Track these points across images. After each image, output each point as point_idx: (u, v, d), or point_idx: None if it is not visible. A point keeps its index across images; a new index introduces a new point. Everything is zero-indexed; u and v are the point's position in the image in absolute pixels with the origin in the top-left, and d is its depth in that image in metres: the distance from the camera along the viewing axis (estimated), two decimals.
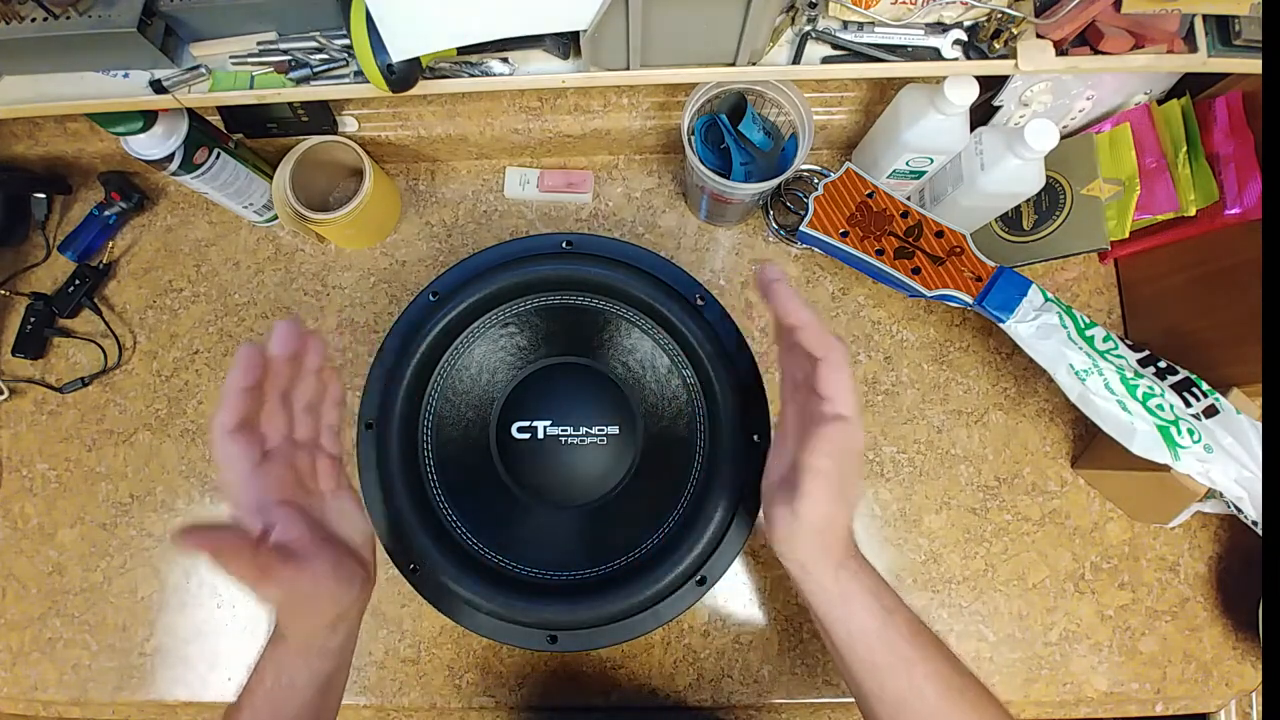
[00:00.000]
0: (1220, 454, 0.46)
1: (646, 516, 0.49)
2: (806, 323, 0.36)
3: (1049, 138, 0.47)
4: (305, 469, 0.39)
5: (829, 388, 0.36)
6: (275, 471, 0.37)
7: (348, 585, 0.38)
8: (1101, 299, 0.63)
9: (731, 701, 0.57)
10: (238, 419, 0.35)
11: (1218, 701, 0.57)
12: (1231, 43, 0.45)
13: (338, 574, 0.37)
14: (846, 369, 0.36)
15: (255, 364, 0.35)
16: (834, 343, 0.36)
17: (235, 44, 0.47)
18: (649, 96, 0.61)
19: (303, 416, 0.39)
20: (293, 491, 0.37)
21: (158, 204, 0.69)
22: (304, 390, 0.39)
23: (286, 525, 0.36)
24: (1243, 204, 0.50)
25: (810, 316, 0.37)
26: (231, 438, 0.34)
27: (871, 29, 0.46)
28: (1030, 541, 0.59)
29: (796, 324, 0.37)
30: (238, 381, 0.34)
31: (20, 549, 0.62)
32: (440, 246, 0.66)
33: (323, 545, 0.37)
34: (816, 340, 0.36)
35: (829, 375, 0.36)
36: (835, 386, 0.36)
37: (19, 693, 0.60)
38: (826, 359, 0.36)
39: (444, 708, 0.58)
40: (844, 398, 0.36)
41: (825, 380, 0.36)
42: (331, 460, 0.41)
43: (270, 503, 0.36)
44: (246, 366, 0.34)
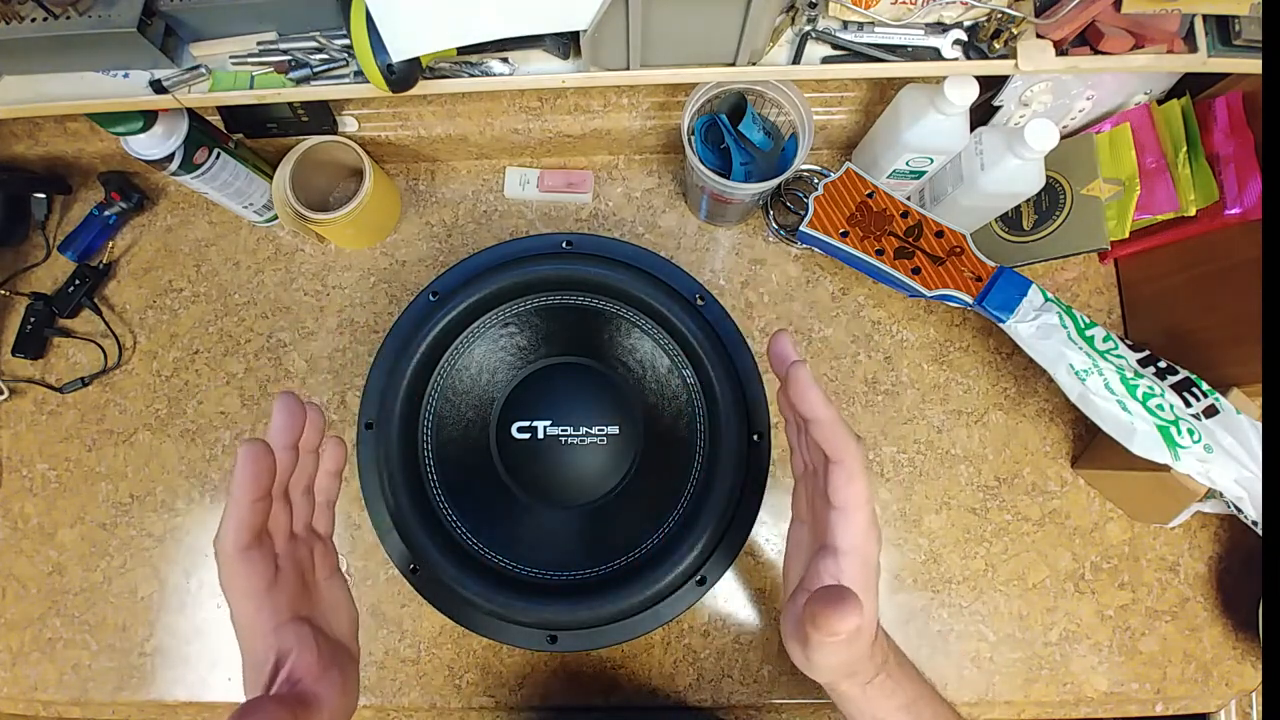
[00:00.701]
0: (1220, 454, 0.46)
1: (646, 516, 0.49)
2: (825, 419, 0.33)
3: (1049, 138, 0.47)
4: (306, 563, 0.35)
5: (840, 496, 0.32)
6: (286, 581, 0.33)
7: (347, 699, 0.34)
8: (1101, 299, 0.63)
9: (731, 701, 0.57)
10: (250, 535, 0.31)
11: (1218, 701, 0.57)
12: (1231, 43, 0.45)
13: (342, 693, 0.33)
14: (862, 476, 0.32)
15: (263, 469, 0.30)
16: (852, 445, 0.32)
17: (235, 44, 0.47)
18: (649, 96, 0.61)
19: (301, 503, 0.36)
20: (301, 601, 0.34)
21: (158, 204, 0.69)
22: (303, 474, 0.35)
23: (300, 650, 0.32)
24: (1243, 204, 0.50)
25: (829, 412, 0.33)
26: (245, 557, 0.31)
27: (871, 29, 0.46)
28: (1030, 541, 0.59)
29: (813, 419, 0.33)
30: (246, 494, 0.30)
31: (20, 549, 0.62)
32: (440, 246, 0.66)
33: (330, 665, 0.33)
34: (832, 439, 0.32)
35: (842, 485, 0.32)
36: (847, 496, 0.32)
37: (19, 693, 0.60)
38: (841, 464, 0.32)
39: (444, 708, 0.58)
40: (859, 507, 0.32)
41: (837, 489, 0.32)
42: (325, 544, 0.37)
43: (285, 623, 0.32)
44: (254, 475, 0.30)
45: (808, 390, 0.33)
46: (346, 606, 0.38)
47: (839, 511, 0.33)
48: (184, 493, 0.62)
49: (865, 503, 0.32)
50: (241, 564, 0.31)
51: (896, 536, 0.59)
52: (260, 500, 0.31)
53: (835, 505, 0.33)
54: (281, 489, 0.34)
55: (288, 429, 0.32)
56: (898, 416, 0.61)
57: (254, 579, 0.31)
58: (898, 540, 0.59)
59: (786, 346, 0.35)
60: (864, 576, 0.33)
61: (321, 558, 0.37)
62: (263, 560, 0.31)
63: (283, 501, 0.34)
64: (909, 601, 0.58)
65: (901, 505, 0.60)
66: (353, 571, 0.59)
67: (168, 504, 0.62)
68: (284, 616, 0.32)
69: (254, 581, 0.31)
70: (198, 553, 0.61)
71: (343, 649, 0.36)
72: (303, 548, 0.35)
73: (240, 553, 0.30)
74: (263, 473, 0.30)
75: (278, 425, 0.32)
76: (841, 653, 0.33)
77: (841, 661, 0.34)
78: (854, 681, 0.36)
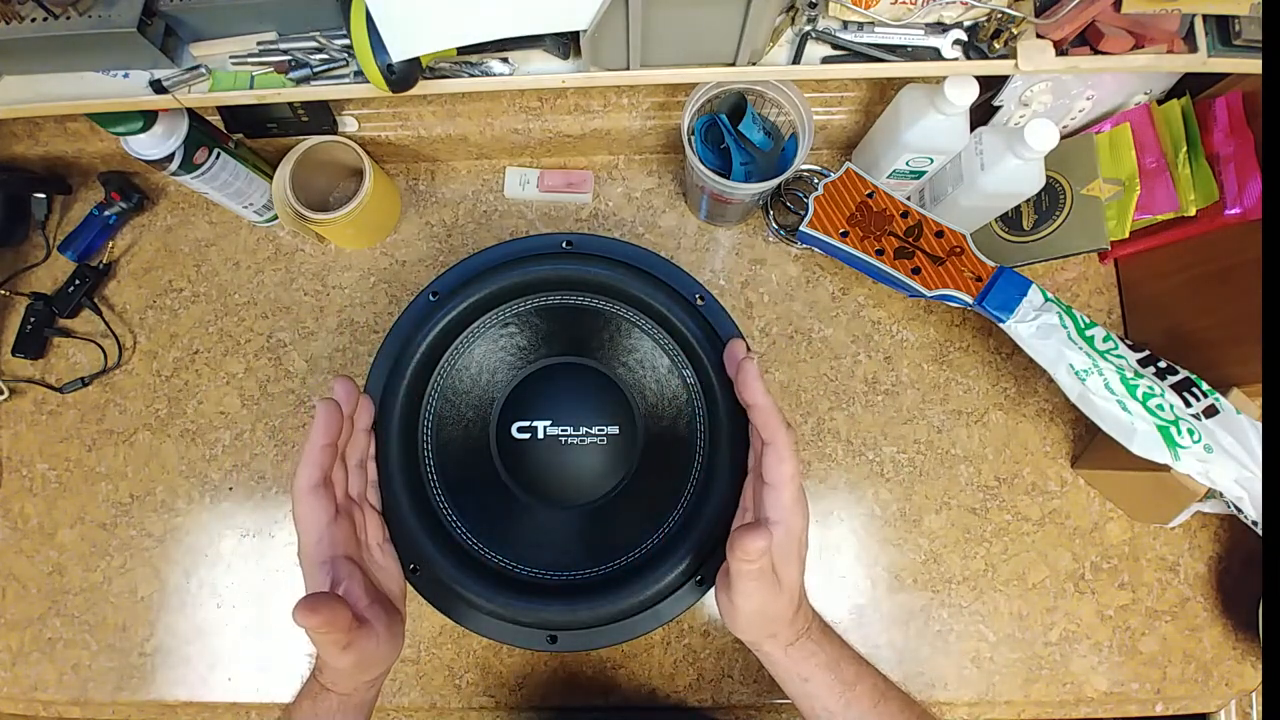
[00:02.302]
0: (1220, 454, 0.46)
1: (646, 516, 0.49)
2: (762, 405, 0.38)
3: (1049, 138, 0.47)
4: (359, 523, 0.41)
5: (771, 474, 0.37)
6: (344, 527, 0.38)
7: (394, 643, 0.39)
8: (1101, 299, 0.63)
9: (731, 701, 0.57)
10: (320, 475, 0.37)
11: (1218, 701, 0.57)
12: (1231, 43, 0.45)
13: (389, 633, 0.38)
14: (791, 458, 0.37)
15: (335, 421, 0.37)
16: (782, 429, 0.37)
17: (235, 44, 0.47)
18: (649, 96, 0.61)
19: (356, 472, 0.42)
20: (353, 547, 0.39)
21: (158, 204, 0.69)
22: (357, 447, 0.42)
23: (352, 584, 0.37)
24: (1243, 204, 0.50)
25: (766, 400, 0.38)
26: (314, 493, 0.37)
27: (871, 29, 0.46)
28: (1030, 541, 0.59)
29: (752, 404, 0.39)
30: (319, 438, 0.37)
31: (20, 549, 0.62)
32: (440, 246, 0.66)
33: (376, 605, 0.38)
34: (766, 423, 0.38)
35: (774, 464, 0.37)
36: (776, 473, 0.37)
37: (19, 693, 0.60)
38: (773, 445, 0.37)
39: (444, 708, 0.58)
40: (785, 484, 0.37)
41: (770, 467, 0.37)
42: (378, 515, 0.43)
43: (340, 557, 0.37)
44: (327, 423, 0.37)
45: (751, 380, 0.39)
46: (395, 574, 0.42)
47: (770, 487, 0.37)
48: (184, 493, 0.62)
49: (791, 479, 0.37)
50: (310, 498, 0.37)
51: (896, 536, 0.59)
52: (329, 447, 0.37)
53: (767, 482, 0.37)
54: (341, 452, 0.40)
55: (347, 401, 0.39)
56: (898, 416, 0.61)
57: (319, 513, 0.37)
58: (898, 540, 0.59)
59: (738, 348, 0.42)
60: (788, 544, 0.37)
61: (374, 526, 0.42)
62: (327, 499, 0.37)
63: (342, 464, 0.40)
64: (909, 601, 0.58)
65: (901, 505, 0.60)
66: None
67: (168, 504, 0.62)
68: (340, 551, 0.38)
69: (319, 515, 0.37)
70: (198, 553, 0.61)
71: (389, 603, 0.40)
72: (356, 510, 0.41)
73: (310, 488, 0.36)
74: (333, 424, 0.37)
75: (339, 395, 0.39)
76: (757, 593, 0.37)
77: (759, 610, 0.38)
78: (775, 642, 0.40)
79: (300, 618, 0.32)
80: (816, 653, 0.40)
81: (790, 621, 0.39)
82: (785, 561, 0.37)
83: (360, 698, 0.40)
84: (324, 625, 0.33)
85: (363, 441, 0.42)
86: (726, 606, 0.39)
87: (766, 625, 0.39)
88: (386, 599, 0.40)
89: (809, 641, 0.40)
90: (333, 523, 0.38)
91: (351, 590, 0.37)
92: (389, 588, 0.41)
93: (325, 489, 0.37)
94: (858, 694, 0.39)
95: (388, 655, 0.39)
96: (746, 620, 0.39)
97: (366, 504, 0.42)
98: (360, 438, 0.42)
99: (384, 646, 0.38)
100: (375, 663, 0.38)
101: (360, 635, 0.36)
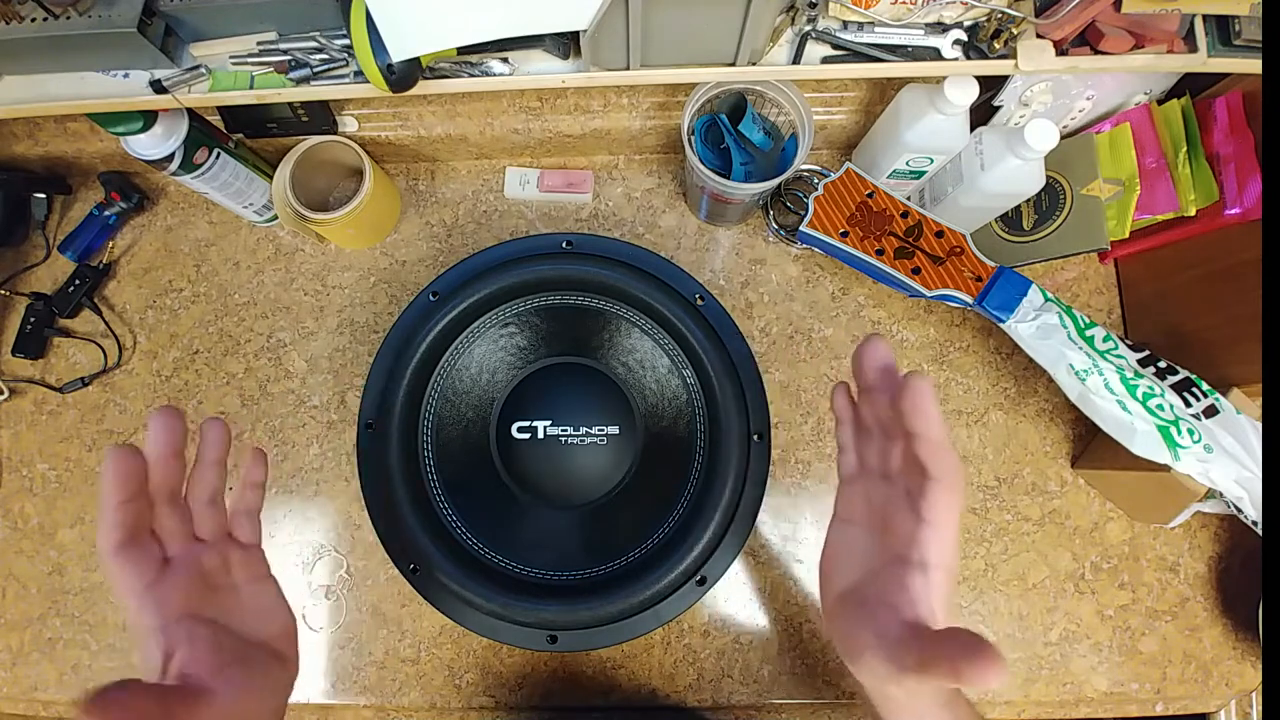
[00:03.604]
0: (1220, 454, 0.46)
1: (646, 516, 0.49)
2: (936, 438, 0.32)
3: (1049, 138, 0.47)
4: (214, 567, 0.36)
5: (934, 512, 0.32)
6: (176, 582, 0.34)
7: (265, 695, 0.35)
8: (1101, 299, 0.63)
9: (731, 701, 0.57)
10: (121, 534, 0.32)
11: (1218, 701, 0.57)
12: (1231, 43, 0.45)
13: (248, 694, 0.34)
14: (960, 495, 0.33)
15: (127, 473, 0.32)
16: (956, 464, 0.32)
17: (235, 44, 0.47)
18: (649, 96, 0.61)
19: (205, 511, 0.37)
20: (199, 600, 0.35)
21: (158, 204, 0.69)
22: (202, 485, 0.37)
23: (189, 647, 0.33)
24: (1243, 204, 0.50)
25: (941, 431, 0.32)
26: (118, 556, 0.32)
27: (871, 29, 0.46)
28: (1030, 541, 0.59)
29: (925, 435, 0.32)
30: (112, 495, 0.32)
31: (20, 549, 0.62)
32: (440, 246, 0.66)
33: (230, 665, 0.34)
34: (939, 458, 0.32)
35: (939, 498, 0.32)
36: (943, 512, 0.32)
37: (19, 693, 0.60)
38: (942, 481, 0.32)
39: (444, 708, 0.58)
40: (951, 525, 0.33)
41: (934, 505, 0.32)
42: (246, 551, 0.38)
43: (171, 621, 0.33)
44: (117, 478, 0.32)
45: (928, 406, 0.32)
46: (275, 611, 0.38)
47: (931, 526, 0.33)
48: None
49: (956, 520, 0.33)
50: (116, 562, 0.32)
51: None
52: (128, 502, 0.32)
53: (928, 520, 0.33)
54: (168, 494, 0.35)
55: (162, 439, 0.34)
56: None
57: (131, 577, 0.32)
58: None
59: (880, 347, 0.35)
60: (948, 590, 0.34)
61: (241, 564, 0.37)
62: (141, 560, 0.33)
63: (173, 506, 0.35)
64: None
65: None
66: (353, 571, 0.59)
67: None
68: (171, 614, 0.33)
69: (132, 580, 0.32)
70: None
71: (260, 650, 0.36)
72: (211, 553, 0.36)
73: (114, 551, 0.32)
74: (127, 476, 0.32)
75: (151, 435, 0.33)
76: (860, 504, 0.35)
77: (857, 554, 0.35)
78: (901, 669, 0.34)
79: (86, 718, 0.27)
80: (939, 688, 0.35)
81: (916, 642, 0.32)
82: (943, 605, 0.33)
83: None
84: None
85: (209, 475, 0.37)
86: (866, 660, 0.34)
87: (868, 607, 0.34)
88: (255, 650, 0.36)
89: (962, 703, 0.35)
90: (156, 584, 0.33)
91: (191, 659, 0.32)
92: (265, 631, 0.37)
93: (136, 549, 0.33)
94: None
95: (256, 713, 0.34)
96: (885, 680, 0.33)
97: (230, 542, 0.38)
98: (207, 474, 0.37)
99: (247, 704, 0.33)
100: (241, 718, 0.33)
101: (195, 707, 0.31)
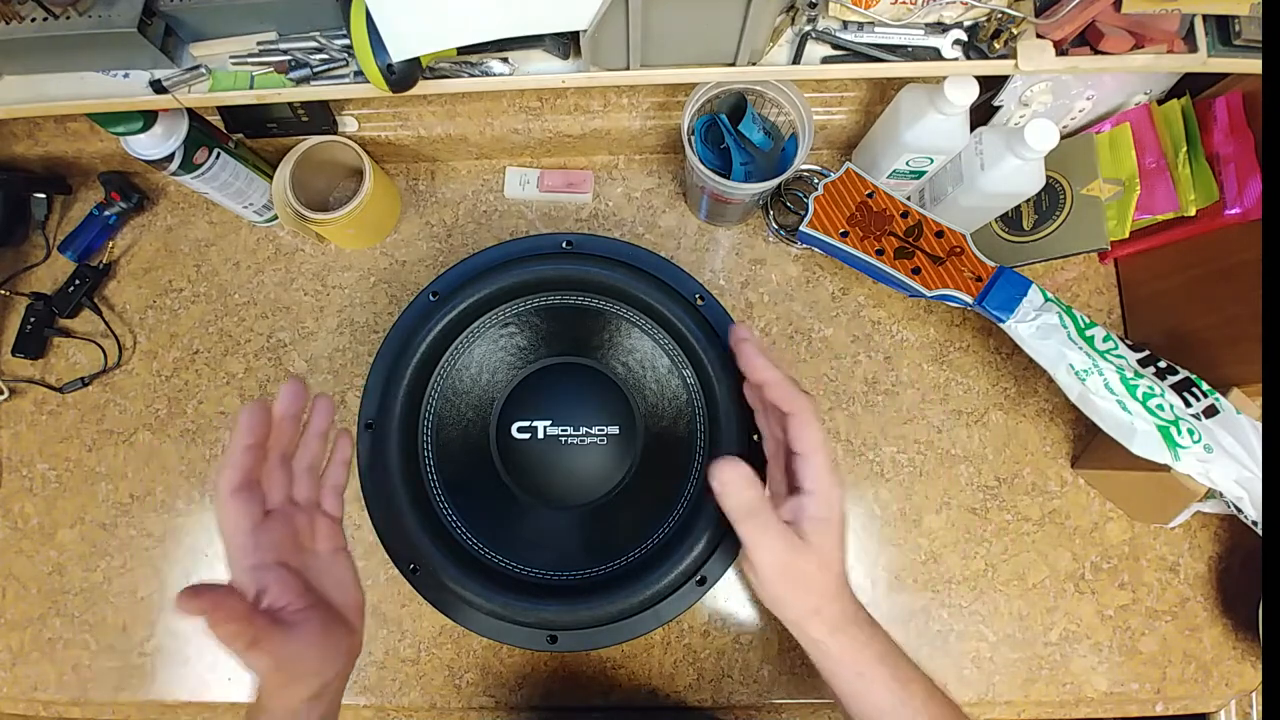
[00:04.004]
0: (1220, 454, 0.46)
1: (646, 516, 0.49)
2: (773, 380, 0.38)
3: (1049, 138, 0.47)
4: (304, 529, 0.39)
5: (800, 443, 0.37)
6: (274, 532, 0.37)
7: (333, 654, 0.37)
8: (1101, 299, 0.63)
9: (731, 701, 0.57)
10: (241, 478, 0.35)
11: (1218, 701, 0.57)
12: (1231, 43, 0.45)
13: (325, 642, 0.36)
14: (816, 424, 0.37)
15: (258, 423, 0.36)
16: (802, 397, 0.37)
17: (235, 44, 0.47)
18: (649, 96, 0.61)
19: (304, 477, 0.40)
20: (290, 553, 0.38)
21: (158, 204, 0.69)
22: (306, 452, 0.41)
23: (280, 589, 0.35)
24: (1243, 204, 0.50)
25: (775, 374, 0.38)
26: (234, 497, 0.35)
27: (871, 29, 0.46)
28: (1030, 541, 0.59)
29: (763, 381, 0.38)
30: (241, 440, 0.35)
31: (20, 549, 0.62)
32: (440, 246, 0.66)
33: (312, 611, 0.36)
34: (784, 396, 0.37)
35: (798, 431, 0.37)
36: (805, 441, 0.37)
37: (19, 693, 0.60)
38: (795, 415, 0.37)
39: (444, 708, 0.58)
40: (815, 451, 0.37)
41: (796, 436, 0.37)
42: (331, 522, 0.41)
43: (267, 564, 0.36)
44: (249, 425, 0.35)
45: (755, 357, 0.38)
46: (349, 584, 0.41)
47: (802, 457, 0.37)
48: (184, 493, 0.62)
49: (822, 446, 0.37)
50: (229, 502, 0.35)
51: (896, 536, 0.59)
52: (252, 448, 0.36)
53: (798, 452, 0.37)
54: (281, 455, 0.39)
55: (287, 403, 0.38)
56: (898, 416, 0.61)
57: (241, 517, 0.35)
58: (898, 540, 0.59)
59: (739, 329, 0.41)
60: (826, 512, 0.37)
61: (324, 533, 0.40)
62: (249, 503, 0.36)
63: (283, 467, 0.39)
64: (909, 601, 0.58)
65: (901, 505, 0.60)
66: None
67: (168, 504, 0.62)
68: (266, 558, 0.36)
69: (239, 520, 0.35)
70: (198, 553, 0.61)
71: (334, 614, 0.38)
72: (301, 515, 0.39)
73: (230, 492, 0.35)
74: (257, 425, 0.36)
75: (281, 397, 0.37)
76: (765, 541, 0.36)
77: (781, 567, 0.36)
78: (820, 621, 0.37)
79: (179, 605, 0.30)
80: (870, 643, 0.38)
81: (834, 596, 0.37)
82: (821, 528, 0.36)
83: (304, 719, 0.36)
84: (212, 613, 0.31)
85: (314, 447, 0.41)
86: (749, 574, 0.38)
87: (801, 591, 0.37)
88: (331, 609, 0.38)
89: (860, 632, 0.38)
90: (259, 528, 0.36)
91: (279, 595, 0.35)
92: (340, 599, 0.39)
93: (249, 492, 0.36)
94: (911, 692, 0.37)
95: (324, 669, 0.36)
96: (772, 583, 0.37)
97: (318, 510, 0.41)
98: (312, 442, 0.41)
99: (318, 655, 0.36)
100: (305, 672, 0.35)
101: (275, 635, 0.33)
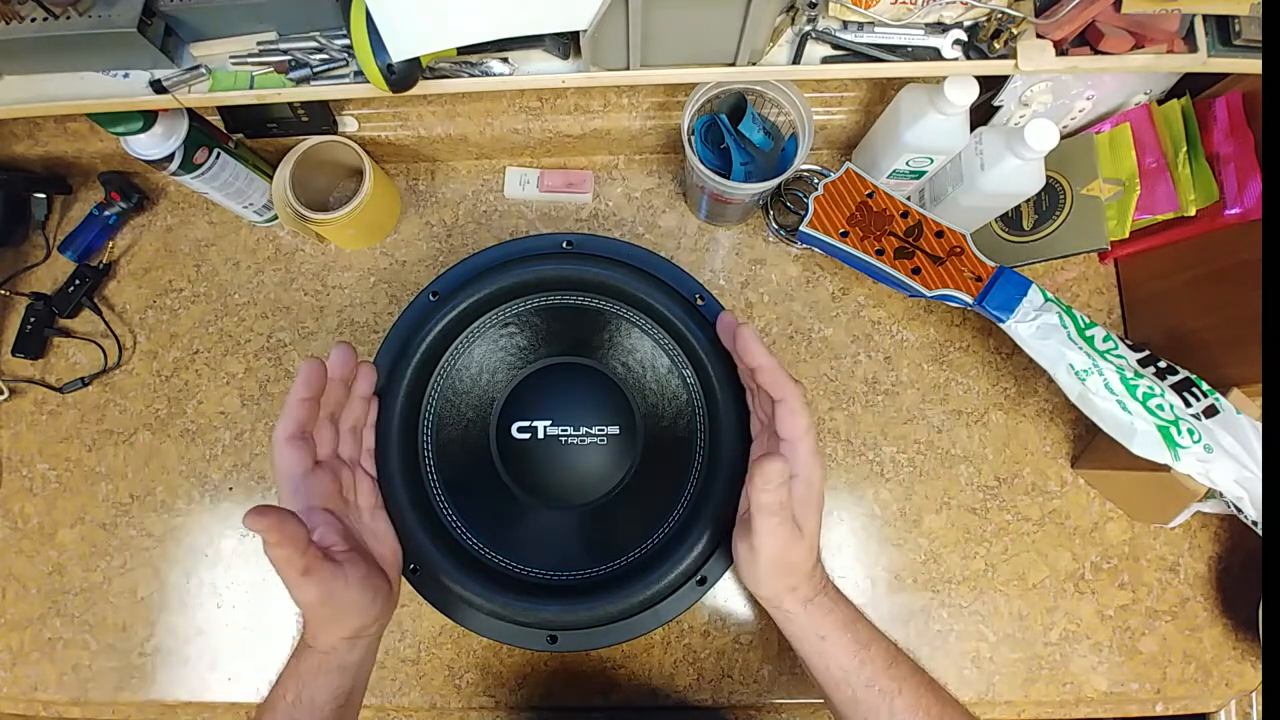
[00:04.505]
0: (1220, 454, 0.46)
1: (646, 516, 0.49)
2: (766, 365, 0.39)
3: (1049, 138, 0.47)
4: (347, 483, 0.42)
5: (785, 429, 0.38)
6: (322, 480, 0.39)
7: (373, 599, 0.39)
8: (1101, 299, 0.63)
9: (731, 701, 0.57)
10: (296, 427, 0.38)
11: (1218, 701, 0.57)
12: (1231, 43, 0.45)
13: (366, 585, 0.39)
14: (803, 411, 0.38)
15: (316, 377, 0.38)
16: (791, 385, 0.39)
17: (235, 44, 0.47)
18: (649, 96, 0.61)
19: (348, 436, 0.43)
20: (335, 502, 0.40)
21: (158, 204, 0.69)
22: (351, 413, 0.43)
23: (327, 530, 0.38)
24: (1243, 204, 0.50)
25: (769, 360, 0.39)
26: (289, 444, 0.38)
27: (871, 29, 0.46)
28: (1030, 541, 0.59)
29: (756, 366, 0.39)
30: (299, 393, 0.38)
31: (20, 549, 0.62)
32: (440, 246, 0.66)
33: (355, 556, 0.39)
34: (774, 382, 0.39)
35: (785, 417, 0.38)
36: (791, 427, 0.38)
37: (19, 693, 0.60)
38: (784, 401, 0.38)
39: (444, 708, 0.58)
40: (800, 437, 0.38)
41: (782, 422, 0.38)
42: (372, 481, 0.44)
43: (316, 508, 0.39)
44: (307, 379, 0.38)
45: (750, 342, 0.40)
46: (388, 538, 0.43)
47: (786, 443, 0.39)
48: (184, 493, 0.62)
49: (806, 433, 0.38)
50: (286, 448, 0.38)
51: (896, 536, 0.59)
52: (308, 401, 0.38)
53: (782, 437, 0.39)
54: (330, 412, 0.41)
55: (339, 364, 0.40)
56: (898, 416, 0.61)
57: (293, 464, 0.38)
58: (898, 540, 0.59)
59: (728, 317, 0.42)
60: (808, 494, 0.39)
61: (365, 489, 0.43)
62: (302, 451, 0.38)
63: (331, 426, 0.41)
64: (909, 601, 0.58)
65: (901, 505, 0.60)
66: None
67: (168, 504, 0.62)
68: (317, 502, 0.39)
69: (292, 466, 0.38)
70: (198, 553, 0.61)
71: (372, 560, 0.41)
72: (346, 471, 0.42)
73: (286, 439, 0.38)
74: (314, 380, 0.38)
75: (333, 358, 0.40)
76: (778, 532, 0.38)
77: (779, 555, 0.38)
78: (795, 597, 0.40)
79: (249, 520, 0.32)
80: (833, 610, 0.41)
81: (809, 575, 0.40)
82: (805, 511, 0.39)
83: (342, 659, 0.39)
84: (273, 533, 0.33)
85: (358, 408, 0.43)
86: (747, 555, 0.40)
87: (786, 575, 0.40)
88: (369, 555, 0.41)
89: (826, 598, 0.41)
90: (310, 474, 0.39)
91: (326, 535, 0.38)
92: (378, 551, 0.42)
93: (303, 442, 0.38)
94: (872, 654, 0.40)
95: (363, 611, 0.38)
96: (767, 568, 0.39)
97: (359, 469, 0.43)
98: (356, 404, 0.43)
99: (358, 597, 0.38)
100: (349, 613, 0.38)
101: (325, 568, 0.36)
